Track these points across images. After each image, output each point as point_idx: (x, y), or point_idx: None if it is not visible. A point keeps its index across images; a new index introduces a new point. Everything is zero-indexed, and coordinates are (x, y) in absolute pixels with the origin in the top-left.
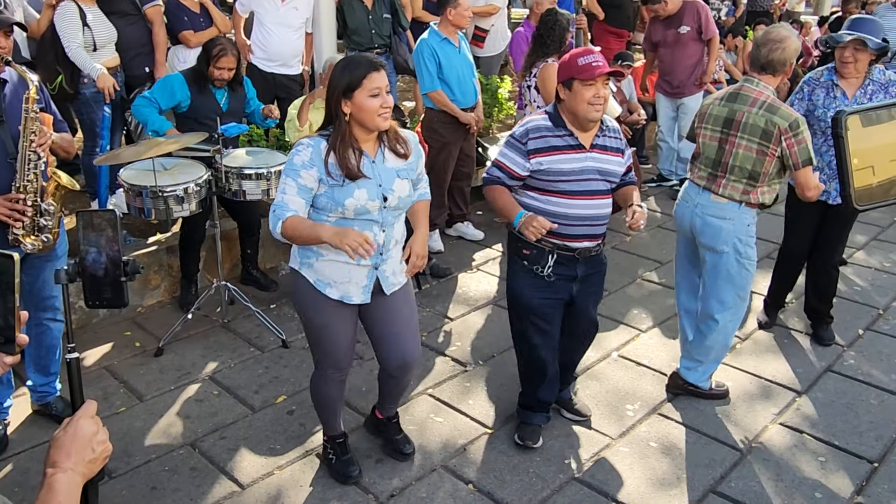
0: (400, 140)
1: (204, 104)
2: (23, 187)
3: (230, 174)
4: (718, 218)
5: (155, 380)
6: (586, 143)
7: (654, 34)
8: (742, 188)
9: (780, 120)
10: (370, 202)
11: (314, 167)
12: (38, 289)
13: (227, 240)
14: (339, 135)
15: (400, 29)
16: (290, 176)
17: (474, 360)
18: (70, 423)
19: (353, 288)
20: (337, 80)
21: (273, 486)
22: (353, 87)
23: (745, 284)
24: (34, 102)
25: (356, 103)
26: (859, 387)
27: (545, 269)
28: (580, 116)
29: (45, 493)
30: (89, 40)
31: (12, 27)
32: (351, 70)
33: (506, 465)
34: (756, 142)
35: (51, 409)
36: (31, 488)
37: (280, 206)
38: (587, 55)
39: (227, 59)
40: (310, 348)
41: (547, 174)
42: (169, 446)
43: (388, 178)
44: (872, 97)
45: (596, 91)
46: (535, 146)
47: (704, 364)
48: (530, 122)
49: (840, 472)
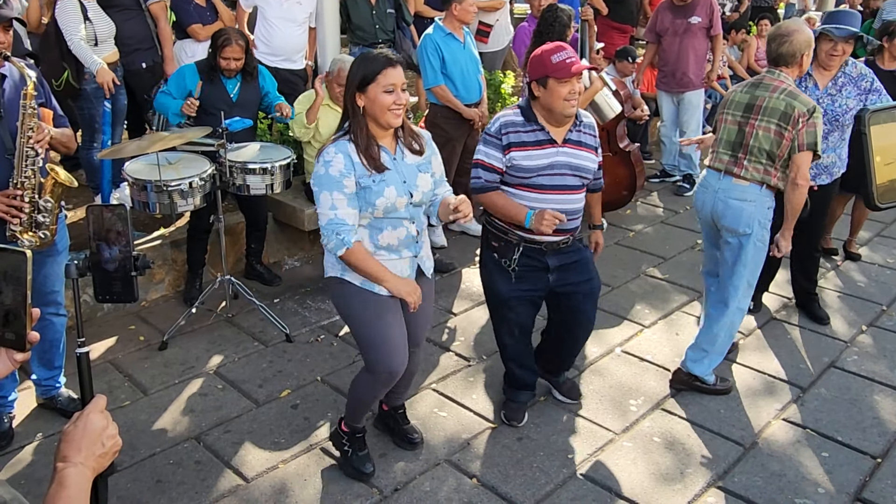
0: (415, 136)
1: (214, 94)
2: (20, 183)
3: (234, 169)
4: (740, 200)
5: (159, 374)
6: (558, 138)
7: (662, 22)
8: (763, 168)
9: (800, 105)
10: (398, 199)
11: (351, 172)
12: (39, 283)
13: (231, 234)
14: (358, 128)
15: (403, 24)
16: (335, 188)
17: (478, 354)
18: (80, 417)
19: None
20: (353, 74)
21: (278, 479)
22: (367, 81)
23: (756, 269)
24: (32, 98)
25: (370, 97)
26: (862, 383)
27: (511, 262)
28: (556, 113)
29: (55, 488)
30: (91, 34)
31: (12, 22)
32: (367, 64)
33: (509, 459)
34: (775, 123)
35: (56, 402)
36: (36, 481)
37: (340, 224)
38: (560, 52)
39: (231, 49)
40: (362, 353)
41: (517, 169)
42: (174, 440)
43: (411, 174)
44: (842, 89)
45: (571, 87)
46: (509, 140)
47: (710, 355)
48: (502, 116)
49: (843, 467)
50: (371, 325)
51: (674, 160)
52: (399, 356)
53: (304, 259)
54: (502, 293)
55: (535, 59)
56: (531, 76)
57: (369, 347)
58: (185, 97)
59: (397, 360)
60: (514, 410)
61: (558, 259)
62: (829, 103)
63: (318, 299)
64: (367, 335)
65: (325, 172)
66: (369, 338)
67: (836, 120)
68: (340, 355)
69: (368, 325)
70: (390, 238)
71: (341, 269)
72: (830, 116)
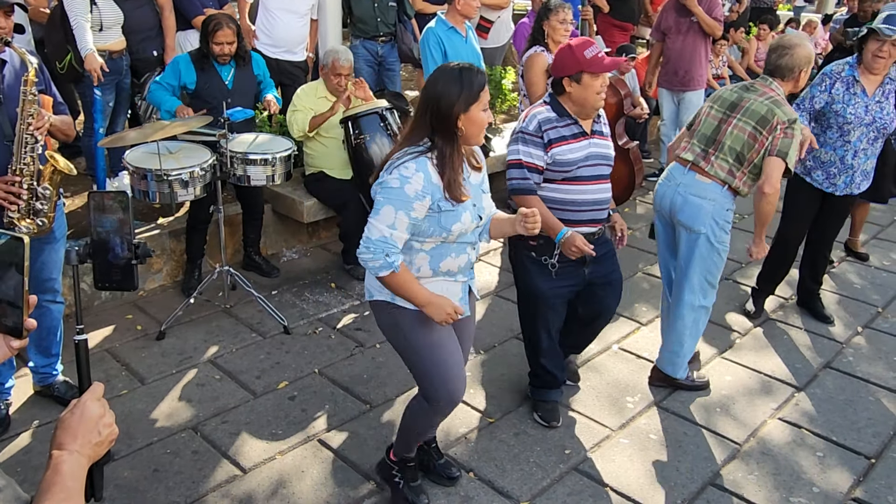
0: (471, 151)
1: (210, 83)
2: (19, 170)
3: (235, 159)
4: (699, 197)
5: (157, 363)
6: (588, 130)
7: (666, 20)
8: (728, 168)
9: (782, 113)
10: (471, 223)
11: (427, 196)
12: (37, 271)
13: (230, 225)
14: (452, 152)
15: (405, 17)
16: (402, 208)
17: (476, 349)
18: (77, 405)
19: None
20: (453, 92)
21: (274, 470)
22: (472, 101)
23: (714, 270)
24: (33, 85)
25: (471, 118)
26: (858, 384)
27: (553, 258)
28: (588, 107)
29: (50, 474)
30: (97, 20)
31: (13, 7)
32: (469, 83)
33: (507, 454)
34: (752, 125)
35: (52, 390)
36: (33, 468)
37: (391, 246)
38: (591, 47)
39: (223, 33)
40: (419, 382)
41: (560, 164)
42: (171, 429)
43: (478, 196)
44: (889, 96)
45: (603, 81)
46: (550, 137)
47: (679, 356)
48: (537, 114)
49: (838, 467)
50: (431, 354)
51: None
52: (460, 384)
53: (302, 251)
54: (543, 291)
55: (565, 56)
56: (562, 72)
57: (429, 377)
58: (179, 88)
59: (459, 387)
60: (550, 411)
61: (594, 250)
62: (877, 111)
63: (316, 291)
64: (426, 364)
65: (399, 187)
66: (429, 367)
67: (883, 128)
68: (338, 347)
69: (429, 353)
70: (452, 264)
71: (391, 294)
72: (879, 125)
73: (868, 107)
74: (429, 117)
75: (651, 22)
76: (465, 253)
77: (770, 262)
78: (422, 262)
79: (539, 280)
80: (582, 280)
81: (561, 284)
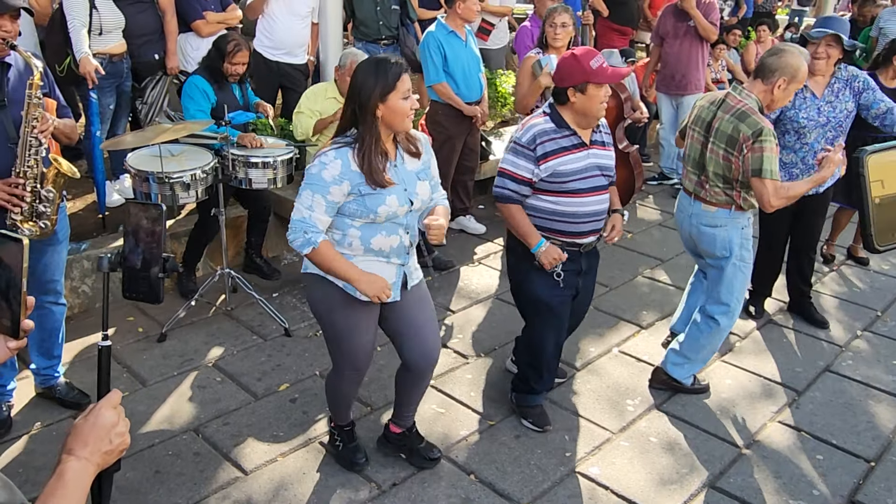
0: (411, 139)
1: (227, 100)
2: (23, 173)
3: (237, 162)
4: (711, 227)
5: (158, 365)
6: (587, 141)
7: (665, 25)
8: (723, 191)
9: (745, 128)
10: (400, 207)
11: (345, 181)
12: (39, 272)
13: (231, 227)
14: (371, 141)
15: (408, 21)
16: (319, 192)
17: (476, 352)
18: (92, 411)
19: None
20: (370, 84)
21: (276, 472)
22: (388, 91)
23: (742, 287)
24: (38, 88)
25: (390, 106)
26: (857, 387)
27: (557, 267)
28: (590, 117)
29: (54, 480)
30: (96, 24)
31: (20, 11)
32: (385, 72)
33: (507, 456)
34: (723, 148)
35: (54, 392)
36: (34, 469)
37: (309, 225)
38: (596, 57)
39: (242, 55)
40: (329, 351)
41: (558, 176)
42: (172, 431)
43: (411, 182)
44: (839, 94)
45: (606, 90)
46: (543, 151)
47: (692, 362)
48: (533, 126)
49: (837, 470)
50: (342, 331)
51: (672, 163)
52: (366, 357)
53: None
54: (547, 298)
55: (570, 65)
56: (566, 82)
57: (336, 348)
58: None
59: (363, 361)
60: (540, 416)
61: (587, 261)
62: (829, 111)
63: None
64: (336, 338)
65: (317, 172)
66: (338, 340)
67: (839, 126)
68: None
69: (340, 330)
70: (382, 243)
71: None
72: (834, 123)
73: (820, 108)
74: (350, 109)
75: (650, 26)
76: (396, 234)
77: (759, 264)
78: (353, 237)
79: (544, 289)
80: (577, 288)
81: (563, 292)
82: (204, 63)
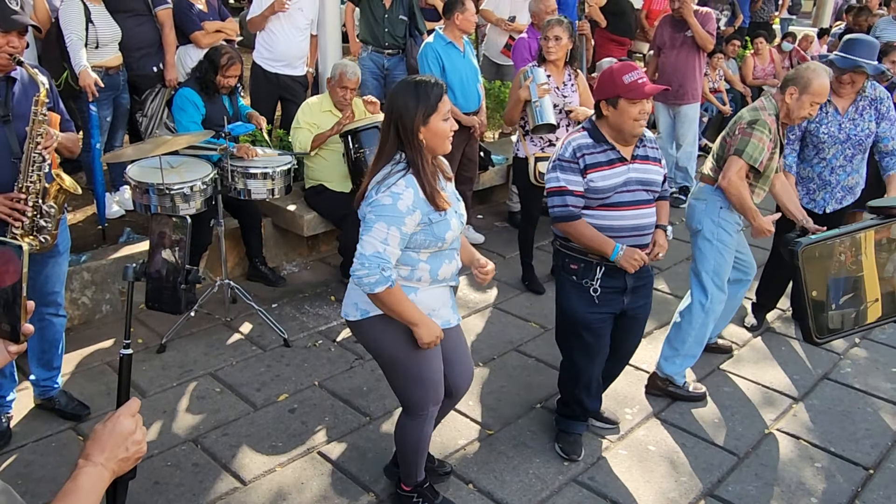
0: (442, 163)
1: (216, 112)
2: (25, 188)
3: (236, 173)
4: (696, 199)
5: (157, 376)
6: (627, 156)
7: (661, 35)
8: (712, 165)
9: (747, 115)
10: (459, 228)
11: (417, 210)
12: (40, 284)
13: (230, 238)
14: (424, 164)
15: (416, 32)
16: (395, 223)
17: (475, 361)
18: (111, 418)
19: (447, 312)
20: (411, 106)
21: (275, 483)
22: (430, 113)
23: (719, 270)
24: (43, 105)
25: (432, 129)
26: (855, 395)
27: (594, 282)
28: (625, 132)
29: (69, 483)
30: (93, 38)
31: (27, 28)
32: (426, 94)
33: (506, 465)
34: (727, 131)
35: (53, 403)
36: (34, 480)
37: (385, 261)
38: (632, 72)
39: (235, 68)
40: (403, 395)
41: (596, 191)
42: (171, 442)
43: (455, 201)
44: (863, 113)
45: (642, 107)
46: (585, 163)
47: (681, 355)
48: (573, 140)
49: (836, 477)
50: (418, 366)
51: (670, 172)
52: (441, 389)
53: (302, 264)
54: (582, 315)
55: (606, 80)
56: (600, 95)
57: (412, 386)
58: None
59: (440, 392)
60: (572, 444)
61: (635, 279)
62: (851, 128)
63: (316, 304)
64: (411, 375)
65: (391, 204)
66: (414, 377)
67: (859, 144)
68: (338, 360)
69: (415, 364)
70: (447, 270)
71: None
72: (854, 141)
73: (842, 125)
74: (393, 133)
75: (648, 36)
76: (454, 259)
77: (766, 276)
78: (423, 271)
79: (578, 305)
80: (619, 308)
81: (601, 310)
82: (195, 74)
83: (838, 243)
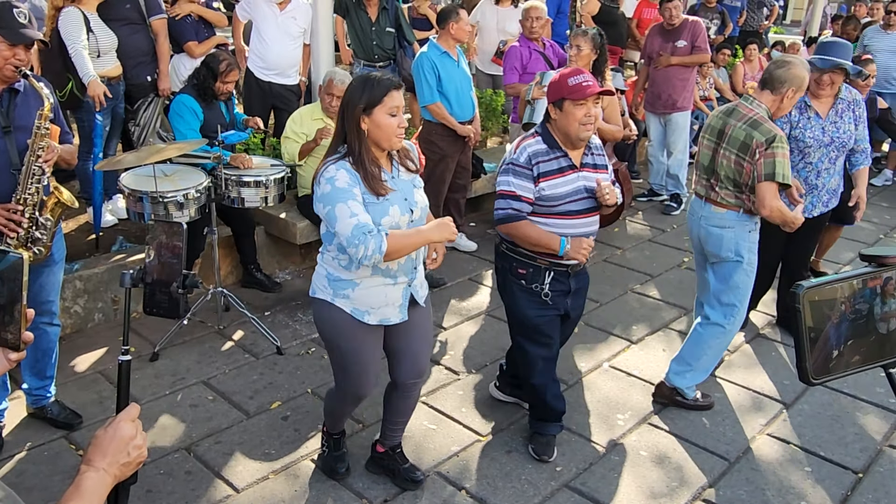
0: (409, 156)
1: (213, 118)
2: (23, 199)
3: (229, 181)
4: (719, 227)
5: (150, 384)
6: (577, 163)
7: (651, 45)
8: (733, 194)
9: (759, 135)
10: (402, 217)
11: (356, 185)
12: (35, 293)
13: (223, 247)
14: (361, 149)
15: (405, 42)
16: (347, 198)
17: (467, 368)
18: (112, 423)
19: (390, 310)
20: (356, 96)
21: (268, 490)
22: (373, 104)
23: (746, 291)
24: (47, 119)
25: (374, 121)
26: (845, 399)
27: (544, 286)
28: (572, 136)
29: (71, 489)
30: (93, 46)
31: (34, 42)
32: (371, 87)
33: (498, 471)
34: (735, 153)
35: (46, 412)
36: (26, 490)
37: (364, 227)
38: (577, 75)
39: (234, 74)
40: (334, 372)
41: (548, 199)
42: (164, 450)
43: (409, 191)
44: (843, 115)
45: (587, 110)
46: (539, 171)
47: (693, 370)
48: (527, 146)
49: (826, 481)
50: (347, 355)
51: (661, 180)
52: (369, 387)
53: (295, 272)
54: (534, 318)
55: (553, 83)
56: (549, 99)
57: (342, 371)
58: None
59: (366, 390)
60: (544, 445)
61: (576, 282)
62: (834, 131)
63: (308, 312)
64: (342, 362)
65: (332, 188)
66: (343, 364)
67: (843, 146)
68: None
69: (345, 354)
70: (391, 265)
71: (332, 294)
72: (838, 143)
73: (824, 128)
74: (340, 122)
75: (638, 45)
76: None
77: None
78: None
79: (530, 309)
80: (564, 309)
81: (550, 313)
82: (192, 81)
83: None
